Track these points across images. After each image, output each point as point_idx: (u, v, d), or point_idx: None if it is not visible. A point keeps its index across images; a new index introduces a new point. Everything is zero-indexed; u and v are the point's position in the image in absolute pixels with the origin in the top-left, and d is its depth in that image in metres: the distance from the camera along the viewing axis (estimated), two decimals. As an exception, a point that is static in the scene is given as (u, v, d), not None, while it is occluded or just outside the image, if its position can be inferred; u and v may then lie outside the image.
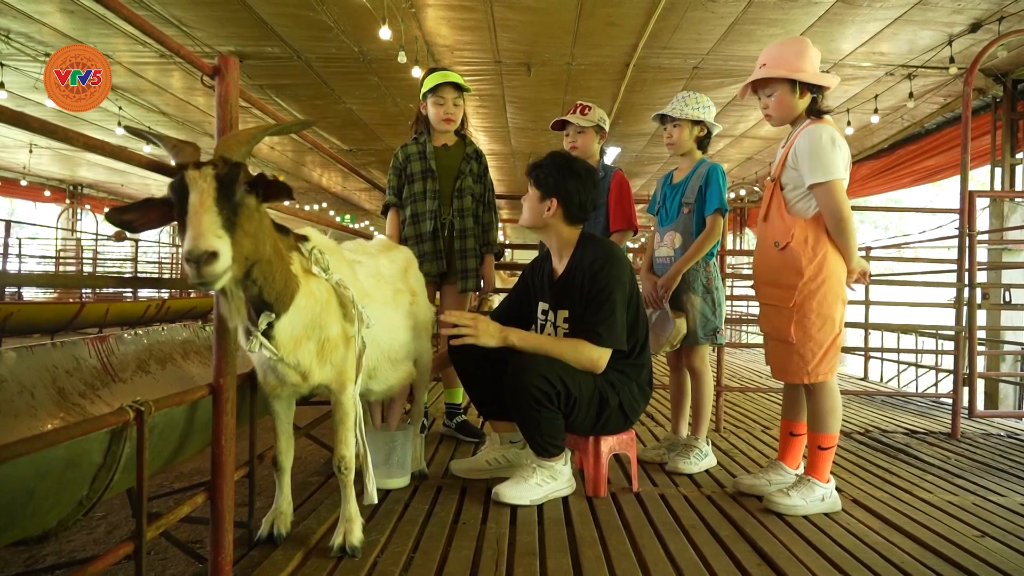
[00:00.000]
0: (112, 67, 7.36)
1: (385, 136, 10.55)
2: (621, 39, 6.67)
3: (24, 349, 1.86)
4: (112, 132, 9.78)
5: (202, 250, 1.29)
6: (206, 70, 1.65)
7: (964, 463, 3.15)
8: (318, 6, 5.91)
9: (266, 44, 6.93)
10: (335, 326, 1.83)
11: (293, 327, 1.68)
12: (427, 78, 3.09)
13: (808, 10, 5.82)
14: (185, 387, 1.72)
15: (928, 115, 8.70)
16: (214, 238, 1.32)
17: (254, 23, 6.35)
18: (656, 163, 12.49)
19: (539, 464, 2.37)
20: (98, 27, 6.53)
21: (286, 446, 2.00)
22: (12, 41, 6.82)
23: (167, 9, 6.09)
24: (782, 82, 2.36)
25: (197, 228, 1.31)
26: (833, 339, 2.33)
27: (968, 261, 3.90)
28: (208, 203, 1.34)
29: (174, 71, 7.93)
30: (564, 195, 2.43)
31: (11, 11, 6.12)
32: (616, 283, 2.34)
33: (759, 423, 3.97)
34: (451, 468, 2.71)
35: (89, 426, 1.25)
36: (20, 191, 14.80)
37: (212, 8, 6.07)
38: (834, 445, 2.37)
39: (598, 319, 2.32)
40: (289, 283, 1.65)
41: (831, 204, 2.25)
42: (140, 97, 8.88)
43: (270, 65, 7.53)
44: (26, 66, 7.53)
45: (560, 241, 2.49)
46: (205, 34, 6.71)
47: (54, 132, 1.14)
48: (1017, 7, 5.58)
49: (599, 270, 2.35)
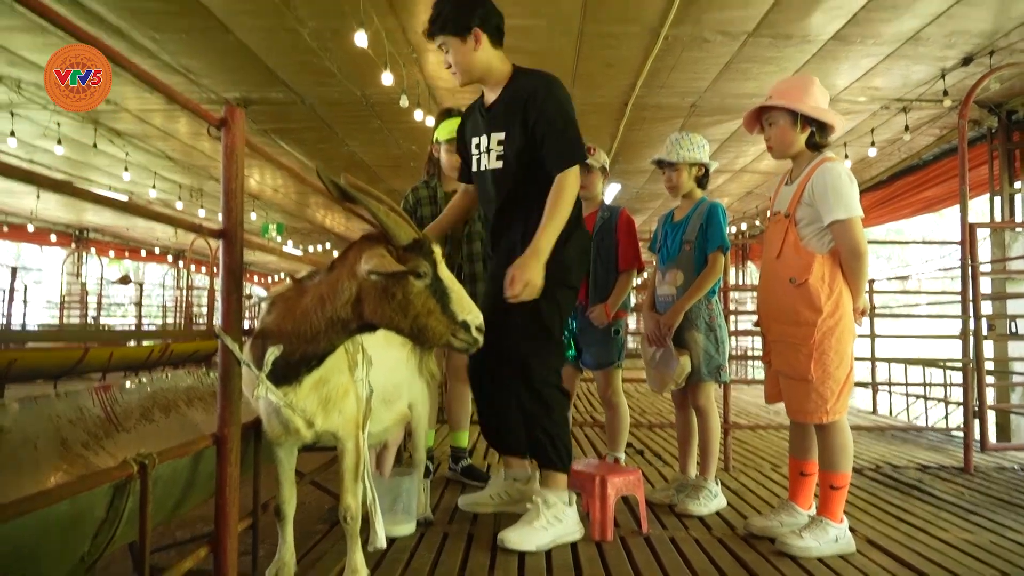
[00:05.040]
0: (119, 114, 7.54)
1: (388, 177, 10.66)
2: (619, 79, 6.78)
3: (28, 400, 1.86)
4: (119, 178, 9.91)
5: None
6: (213, 122, 1.68)
7: (979, 499, 3.09)
8: (322, 53, 6.03)
9: (271, 90, 7.06)
10: (341, 372, 1.83)
11: (313, 377, 1.71)
12: (441, 124, 3.11)
13: (802, 48, 5.92)
14: (189, 435, 1.72)
15: (925, 147, 8.77)
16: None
17: (260, 70, 6.47)
18: (656, 199, 12.58)
19: (545, 501, 2.33)
20: (106, 76, 6.66)
21: (289, 494, 1.97)
22: (23, 91, 6.95)
23: (176, 58, 6.22)
24: (783, 114, 2.39)
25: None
26: (847, 376, 2.32)
27: (972, 292, 3.89)
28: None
29: (180, 117, 8.07)
30: (482, 17, 2.27)
31: (24, 62, 6.26)
32: (567, 103, 2.29)
33: (768, 461, 3.92)
34: (459, 503, 2.77)
35: (93, 481, 1.24)
36: (27, 236, 14.93)
37: (219, 57, 6.19)
38: (846, 484, 2.34)
39: (563, 143, 2.24)
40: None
41: (850, 241, 2.26)
42: (147, 143, 9.01)
43: (275, 110, 7.66)
44: (36, 115, 7.67)
45: (496, 73, 2.35)
46: (212, 81, 6.84)
47: (62, 188, 1.15)
48: (1007, 41, 5.67)
49: (546, 95, 2.26)
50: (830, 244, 2.31)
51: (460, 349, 1.74)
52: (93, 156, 9.20)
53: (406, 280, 1.62)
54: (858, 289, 2.31)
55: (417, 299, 1.63)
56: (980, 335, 3.94)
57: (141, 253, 18.87)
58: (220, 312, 1.69)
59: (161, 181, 10.74)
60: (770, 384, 2.55)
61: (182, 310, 13.81)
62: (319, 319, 1.64)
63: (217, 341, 1.63)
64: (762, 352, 2.63)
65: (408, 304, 1.62)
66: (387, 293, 1.61)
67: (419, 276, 1.63)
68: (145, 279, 20.91)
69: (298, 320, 1.66)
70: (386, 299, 1.62)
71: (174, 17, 5.35)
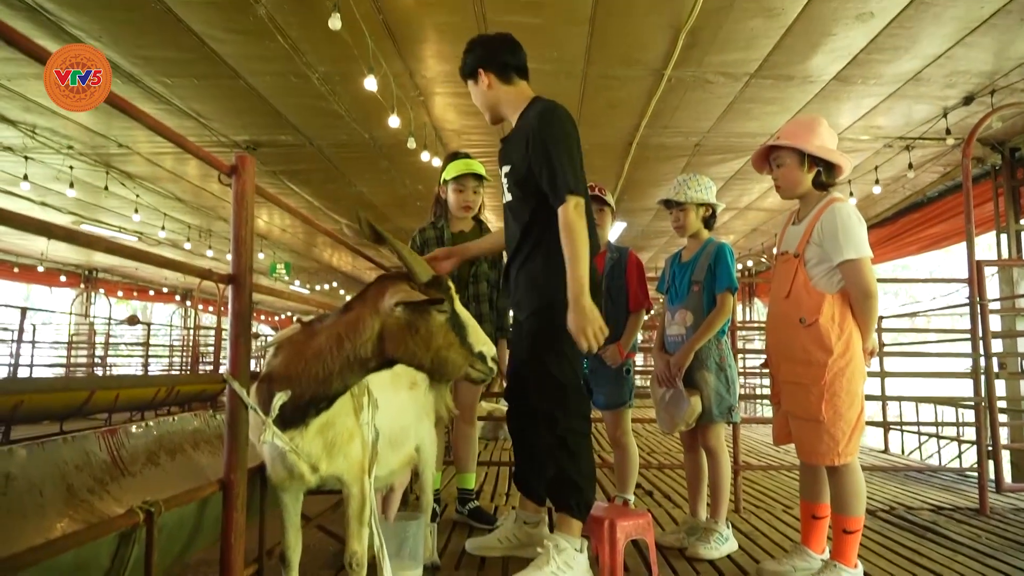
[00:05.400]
0: (131, 157, 7.66)
1: (395, 217, 10.75)
2: (623, 120, 6.87)
3: (34, 445, 1.85)
4: (129, 219, 10.03)
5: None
6: (224, 169, 1.70)
7: (996, 541, 3.03)
8: (330, 97, 6.14)
9: (280, 133, 7.17)
10: (347, 416, 1.82)
11: (320, 421, 1.71)
12: (449, 165, 3.16)
13: (804, 88, 6.00)
14: (195, 479, 1.71)
15: (929, 183, 8.80)
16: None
17: (269, 114, 6.59)
18: (662, 236, 12.62)
19: (556, 545, 2.28)
20: (120, 121, 6.79)
21: (294, 540, 1.95)
22: (37, 135, 7.09)
23: (187, 103, 6.34)
24: (791, 154, 2.42)
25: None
26: (859, 417, 2.30)
27: (982, 330, 3.87)
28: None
29: (191, 160, 8.19)
30: (482, 59, 2.41)
31: (38, 107, 6.39)
32: (562, 132, 2.28)
33: (780, 502, 3.86)
34: (467, 546, 2.75)
35: (99, 530, 1.23)
36: (37, 277, 15.05)
37: (230, 101, 6.31)
38: (860, 528, 2.30)
39: (557, 175, 2.22)
40: None
41: (861, 281, 2.26)
42: (157, 185, 9.13)
43: (283, 152, 7.77)
44: (49, 158, 7.80)
45: (509, 106, 2.45)
46: (222, 125, 6.96)
47: (75, 239, 1.17)
48: (1007, 80, 5.73)
49: (539, 126, 2.28)
50: (839, 284, 2.31)
51: (477, 380, 1.81)
52: (104, 198, 9.33)
53: (429, 314, 1.70)
54: (868, 329, 2.30)
55: (439, 332, 1.71)
56: (991, 373, 3.90)
57: (149, 293, 18.98)
58: (228, 356, 1.69)
59: (170, 222, 10.86)
60: (779, 425, 2.52)
61: (189, 350, 13.82)
62: (334, 359, 1.67)
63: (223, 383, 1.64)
64: (771, 392, 2.61)
65: (431, 337, 1.70)
66: (411, 327, 1.69)
67: (441, 310, 1.72)
68: (153, 318, 20.98)
69: (310, 361, 1.67)
70: (410, 333, 1.69)
71: (187, 64, 5.47)
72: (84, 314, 15.76)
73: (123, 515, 1.29)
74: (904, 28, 4.84)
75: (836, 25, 4.83)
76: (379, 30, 4.87)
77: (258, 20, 4.71)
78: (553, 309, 2.23)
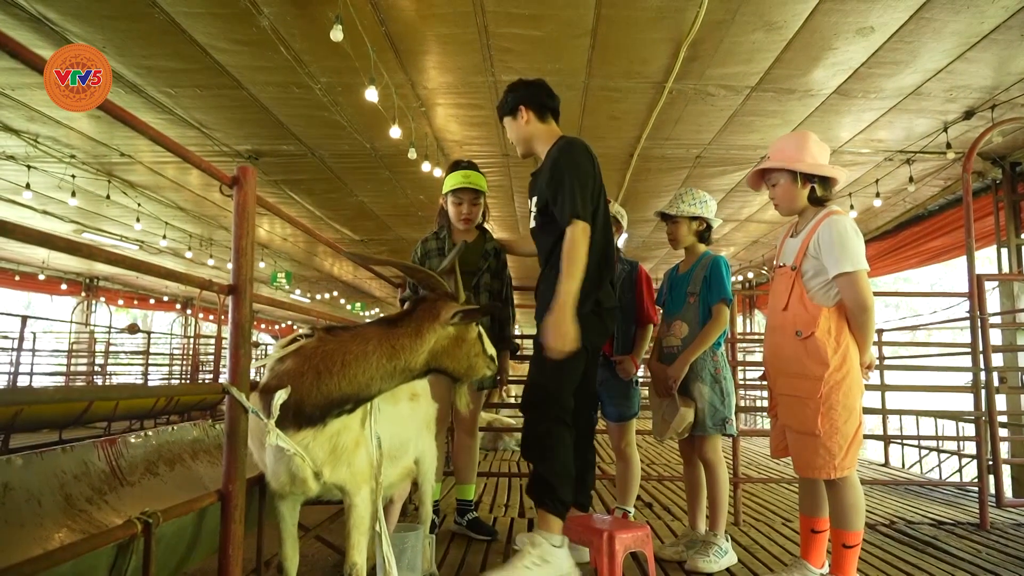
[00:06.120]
0: (133, 166, 7.69)
1: (396, 226, 10.76)
2: (624, 132, 6.89)
3: (33, 454, 1.85)
4: (131, 227, 10.05)
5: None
6: (225, 181, 1.71)
7: (996, 557, 3.02)
8: (332, 108, 6.16)
9: (282, 143, 7.19)
10: (353, 424, 1.82)
11: (335, 425, 1.74)
12: (447, 177, 3.18)
13: (805, 102, 6.02)
14: (194, 489, 1.71)
15: (930, 197, 8.81)
16: None
17: (271, 124, 6.61)
18: (661, 247, 12.63)
19: (532, 541, 2.34)
20: (122, 131, 6.81)
21: (292, 552, 1.94)
22: (40, 144, 7.11)
23: (189, 113, 6.37)
24: (783, 174, 2.43)
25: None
26: (856, 431, 2.29)
27: (982, 344, 3.87)
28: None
29: (192, 169, 8.20)
30: (524, 97, 2.64)
31: (41, 117, 6.42)
32: (572, 162, 2.46)
33: (779, 515, 3.84)
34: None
35: (96, 541, 1.23)
36: (38, 285, 15.07)
37: (232, 112, 6.34)
38: (859, 542, 2.29)
39: (564, 199, 2.41)
40: None
41: (857, 295, 2.26)
42: (159, 194, 9.15)
43: (285, 161, 7.79)
44: (52, 167, 7.82)
45: (541, 142, 2.66)
46: (224, 135, 6.98)
47: (76, 250, 1.18)
48: (1007, 95, 5.75)
49: (556, 157, 2.50)
50: (836, 297, 2.32)
51: (490, 377, 2.10)
52: (106, 207, 9.35)
53: (471, 325, 1.97)
54: (865, 343, 2.30)
55: (474, 340, 1.99)
56: (992, 387, 3.90)
57: (150, 301, 18.99)
58: (228, 366, 1.69)
59: (172, 231, 10.88)
60: (776, 437, 2.52)
61: (189, 358, 13.80)
62: (380, 365, 1.78)
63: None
64: (768, 405, 2.61)
65: (471, 346, 1.98)
66: (459, 338, 1.94)
67: (479, 321, 2.00)
68: (153, 327, 20.97)
69: (350, 364, 1.74)
70: (458, 343, 1.94)
71: (190, 74, 5.50)
72: (85, 322, 15.76)
73: (121, 526, 1.29)
74: (905, 43, 4.86)
75: (837, 39, 4.85)
76: (381, 41, 4.90)
77: (261, 31, 4.73)
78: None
